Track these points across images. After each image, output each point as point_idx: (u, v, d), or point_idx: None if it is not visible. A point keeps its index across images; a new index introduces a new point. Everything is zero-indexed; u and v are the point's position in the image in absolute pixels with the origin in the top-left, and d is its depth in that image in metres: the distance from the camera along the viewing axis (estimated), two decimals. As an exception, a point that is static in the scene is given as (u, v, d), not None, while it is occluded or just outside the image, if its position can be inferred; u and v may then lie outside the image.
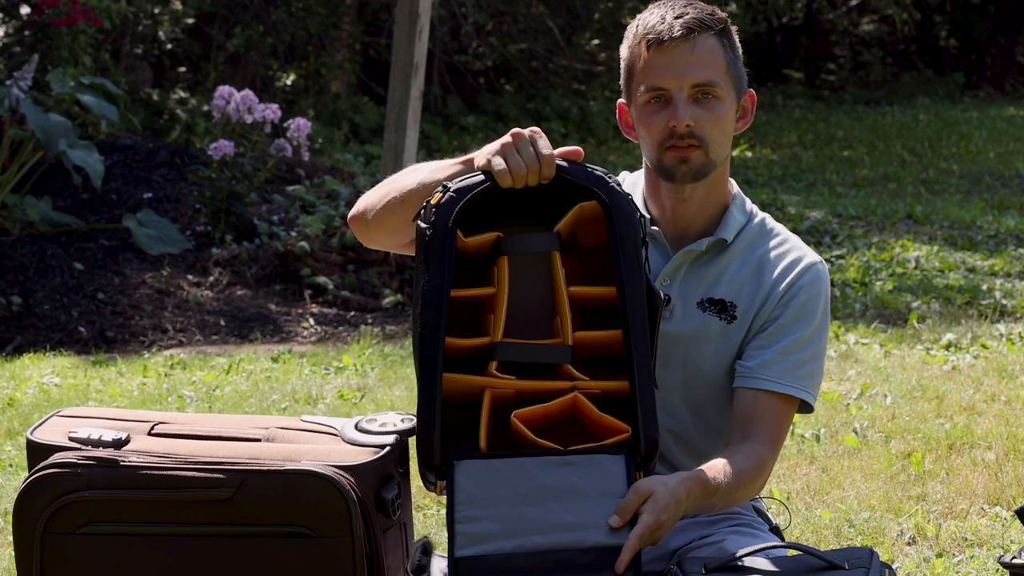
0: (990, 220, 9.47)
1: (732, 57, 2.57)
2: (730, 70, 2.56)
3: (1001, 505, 3.98)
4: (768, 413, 2.53)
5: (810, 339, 2.58)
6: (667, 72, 2.52)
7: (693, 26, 2.52)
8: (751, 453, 2.48)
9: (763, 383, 2.54)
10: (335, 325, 7.24)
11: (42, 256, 7.62)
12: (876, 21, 21.15)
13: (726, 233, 2.61)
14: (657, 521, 2.26)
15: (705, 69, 2.52)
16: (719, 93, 2.54)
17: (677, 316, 2.59)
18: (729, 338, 2.59)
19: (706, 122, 2.53)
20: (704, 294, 2.60)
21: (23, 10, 10.09)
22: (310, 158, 9.09)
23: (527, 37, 14.80)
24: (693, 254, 2.61)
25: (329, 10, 13.14)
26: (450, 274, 2.34)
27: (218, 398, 5.55)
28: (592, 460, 2.32)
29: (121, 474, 2.30)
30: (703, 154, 2.55)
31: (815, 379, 2.59)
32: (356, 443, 2.39)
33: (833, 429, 4.81)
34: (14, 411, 5.37)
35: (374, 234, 2.61)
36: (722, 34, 2.56)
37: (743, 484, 2.46)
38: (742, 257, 2.62)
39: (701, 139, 2.54)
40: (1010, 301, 7.03)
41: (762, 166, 13.18)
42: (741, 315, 2.59)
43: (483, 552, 2.23)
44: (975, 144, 14.18)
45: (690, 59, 2.52)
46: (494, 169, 2.37)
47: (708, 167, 2.56)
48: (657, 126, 2.54)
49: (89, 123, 8.28)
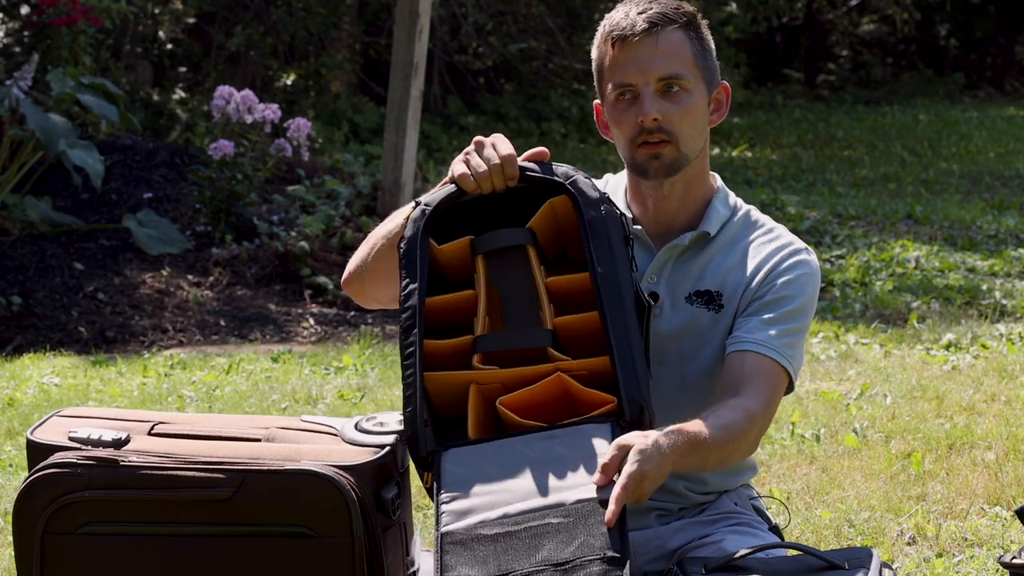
0: (990, 220, 9.47)
1: (700, 50, 2.56)
2: (698, 62, 2.55)
3: (1001, 505, 3.98)
4: (756, 373, 2.49)
5: (794, 314, 2.56)
6: (632, 67, 2.52)
7: (656, 20, 2.52)
8: (738, 407, 2.43)
9: (749, 345, 2.51)
10: (335, 325, 7.24)
11: (42, 256, 7.62)
12: (876, 21, 21.16)
13: (709, 226, 2.61)
14: (641, 471, 2.18)
15: (671, 61, 2.52)
16: (686, 85, 2.53)
17: (666, 313, 2.59)
18: (719, 327, 2.58)
19: (675, 115, 2.53)
20: (691, 288, 2.60)
21: (23, 10, 10.09)
22: (310, 158, 9.10)
23: (527, 37, 14.81)
24: (677, 249, 2.61)
25: (329, 10, 13.14)
26: (424, 277, 2.38)
27: (218, 398, 5.55)
28: (577, 431, 2.31)
29: (121, 474, 2.30)
30: (674, 148, 2.54)
31: (797, 353, 2.56)
32: (356, 443, 2.39)
33: (833, 429, 4.81)
34: (14, 411, 5.37)
35: (369, 289, 2.61)
36: (688, 27, 2.55)
37: (732, 437, 2.39)
38: (727, 249, 2.62)
39: (671, 133, 2.53)
40: (1010, 301, 7.03)
41: (762, 166, 13.18)
42: (727, 302, 2.58)
43: (468, 524, 2.23)
44: (975, 144, 14.18)
45: (654, 52, 2.52)
46: (456, 175, 2.41)
47: (680, 161, 2.56)
48: (627, 123, 2.54)
49: (89, 123, 8.28)
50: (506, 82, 15.16)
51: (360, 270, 2.59)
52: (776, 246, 2.61)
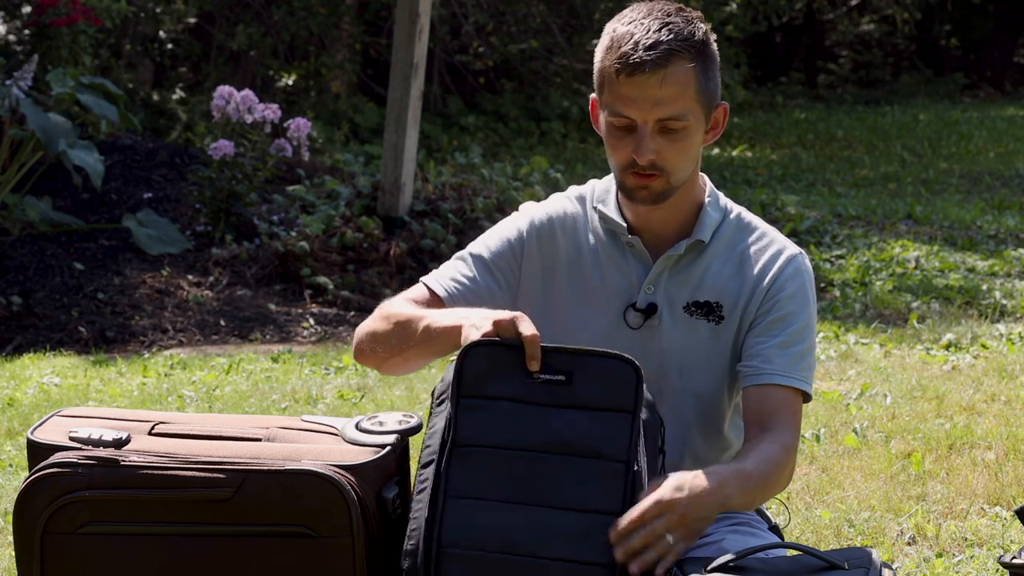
0: (990, 220, 9.47)
1: (704, 80, 2.50)
2: (700, 96, 2.49)
3: (1001, 505, 3.98)
4: (781, 405, 2.51)
5: (803, 331, 2.57)
6: (633, 104, 2.47)
7: (664, 56, 2.45)
8: (775, 440, 2.47)
9: (771, 378, 2.52)
10: (335, 325, 7.24)
11: (42, 256, 7.62)
12: (876, 21, 21.15)
13: (703, 234, 2.59)
14: (672, 499, 2.28)
15: (673, 103, 2.47)
16: (687, 125, 2.49)
17: (666, 323, 2.58)
18: (719, 339, 2.58)
19: (670, 153, 2.50)
20: (689, 297, 2.59)
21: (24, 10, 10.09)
22: (310, 158, 9.09)
23: (527, 37, 14.80)
24: (673, 259, 2.59)
25: (330, 10, 13.14)
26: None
27: (218, 398, 5.55)
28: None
29: (121, 474, 2.30)
30: (664, 181, 2.52)
31: (812, 371, 2.59)
32: (357, 443, 2.39)
33: (833, 429, 4.81)
34: (14, 411, 5.37)
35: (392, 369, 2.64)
36: (697, 57, 2.49)
37: (775, 469, 2.45)
38: (723, 256, 2.61)
39: (663, 169, 2.51)
40: (1010, 301, 7.03)
41: (762, 166, 13.18)
42: (728, 314, 2.58)
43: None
44: (975, 144, 14.18)
45: (658, 93, 2.45)
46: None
47: (669, 192, 2.54)
48: (621, 152, 2.52)
49: (89, 123, 8.28)
50: (506, 82, 15.15)
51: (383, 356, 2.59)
52: (772, 253, 2.60)
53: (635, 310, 2.58)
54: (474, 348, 2.34)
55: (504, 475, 2.28)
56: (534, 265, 2.63)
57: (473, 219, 8.11)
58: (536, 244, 2.64)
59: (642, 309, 2.58)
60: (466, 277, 2.63)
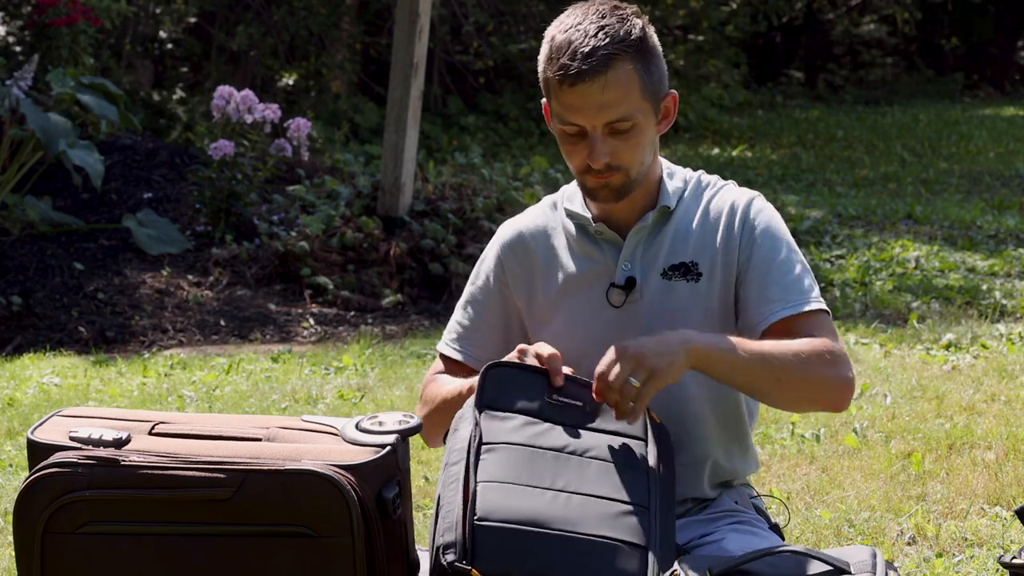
0: (990, 220, 9.47)
1: (647, 75, 2.50)
2: (645, 92, 2.50)
3: (1001, 505, 3.98)
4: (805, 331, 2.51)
5: (789, 259, 2.58)
6: (580, 112, 2.49)
7: (602, 64, 2.45)
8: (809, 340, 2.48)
9: (780, 313, 2.53)
10: (335, 325, 7.24)
11: (42, 256, 7.62)
12: (876, 21, 21.15)
13: (667, 201, 2.62)
14: (624, 345, 2.35)
15: (619, 106, 2.48)
16: (635, 123, 2.50)
17: (647, 295, 2.60)
18: (700, 296, 2.59)
19: (623, 151, 2.52)
20: (664, 263, 2.61)
21: (24, 10, 10.09)
22: (310, 158, 9.10)
23: (527, 37, 14.80)
24: (644, 230, 2.62)
25: (330, 10, 13.15)
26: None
27: (218, 398, 5.55)
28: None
29: (122, 474, 2.30)
30: (623, 176, 2.54)
31: (815, 287, 2.58)
32: (357, 443, 2.38)
33: (833, 429, 4.81)
34: (14, 411, 5.37)
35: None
36: (636, 56, 2.49)
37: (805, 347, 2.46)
38: (689, 216, 2.63)
39: (619, 167, 2.53)
40: (1010, 301, 7.03)
41: (762, 166, 13.18)
42: (706, 270, 2.59)
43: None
44: (975, 144, 14.17)
45: (602, 98, 2.47)
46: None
47: (629, 185, 2.56)
48: (576, 157, 2.55)
49: (89, 123, 8.28)
50: (506, 82, 15.16)
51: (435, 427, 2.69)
52: (731, 203, 2.62)
53: (615, 287, 2.61)
54: (496, 367, 2.41)
55: (531, 467, 2.31)
56: (518, 279, 2.70)
57: (473, 219, 8.11)
58: (513, 259, 2.71)
59: (621, 285, 2.60)
60: (470, 328, 2.73)
